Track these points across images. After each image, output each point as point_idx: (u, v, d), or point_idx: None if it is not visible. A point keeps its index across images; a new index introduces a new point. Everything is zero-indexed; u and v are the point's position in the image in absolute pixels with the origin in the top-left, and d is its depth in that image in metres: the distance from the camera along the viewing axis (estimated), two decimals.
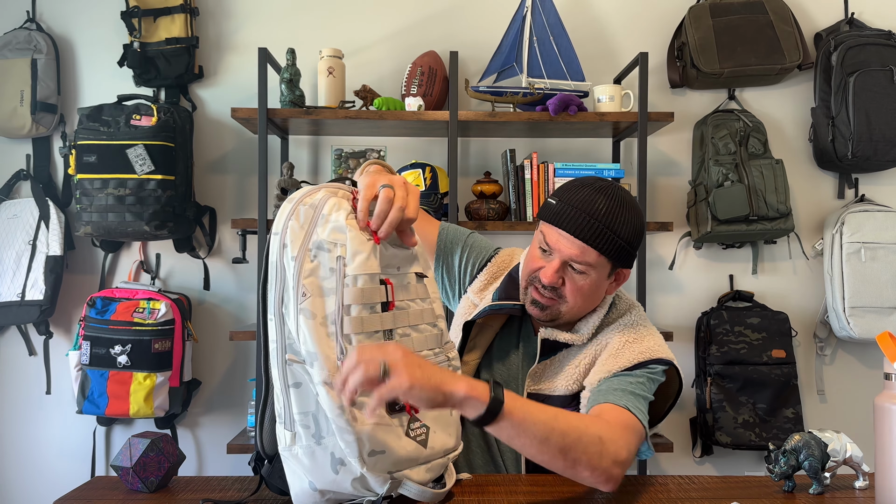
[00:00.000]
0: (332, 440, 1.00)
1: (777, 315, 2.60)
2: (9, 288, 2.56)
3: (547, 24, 2.52)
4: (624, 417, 1.20)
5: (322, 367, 0.97)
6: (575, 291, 1.32)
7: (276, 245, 1.02)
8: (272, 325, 1.02)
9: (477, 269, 1.53)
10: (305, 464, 1.01)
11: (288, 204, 1.04)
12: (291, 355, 1.00)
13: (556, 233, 1.31)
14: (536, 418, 1.06)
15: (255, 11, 2.74)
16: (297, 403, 1.01)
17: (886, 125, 2.49)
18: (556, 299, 1.33)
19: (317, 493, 1.02)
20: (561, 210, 1.30)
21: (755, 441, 2.50)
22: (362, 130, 2.61)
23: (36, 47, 2.62)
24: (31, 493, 2.71)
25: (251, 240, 2.65)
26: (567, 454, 1.08)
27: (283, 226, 1.02)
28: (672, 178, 2.75)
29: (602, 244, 1.28)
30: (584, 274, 1.31)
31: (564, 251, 1.30)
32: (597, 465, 1.10)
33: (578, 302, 1.34)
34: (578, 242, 1.28)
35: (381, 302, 1.03)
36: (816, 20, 2.74)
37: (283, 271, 1.01)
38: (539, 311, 1.35)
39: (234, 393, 2.72)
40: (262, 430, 1.08)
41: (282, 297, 1.01)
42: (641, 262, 2.41)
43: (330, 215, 1.02)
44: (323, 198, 1.04)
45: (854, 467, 1.18)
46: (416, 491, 1.04)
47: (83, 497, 1.15)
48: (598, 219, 1.28)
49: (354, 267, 1.00)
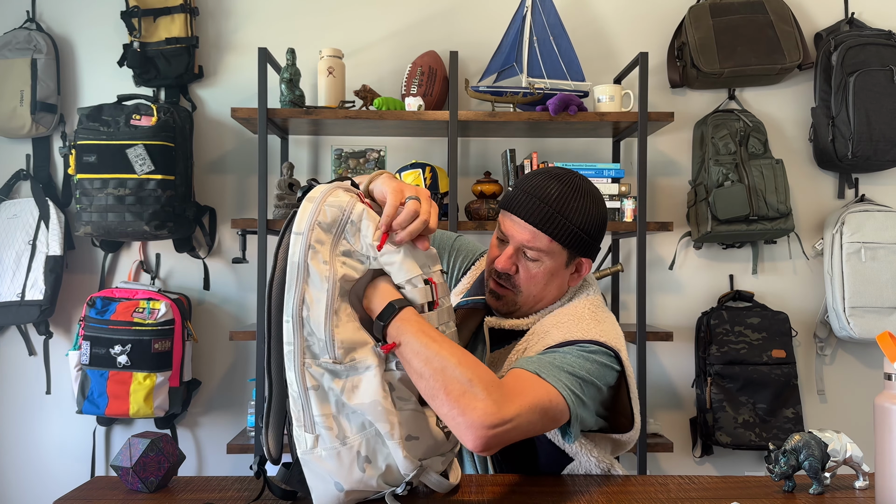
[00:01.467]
0: (357, 439, 1.01)
1: (777, 315, 2.60)
2: (9, 288, 2.56)
3: (547, 24, 2.52)
4: (525, 380, 1.09)
5: (370, 351, 1.01)
6: (528, 279, 1.30)
7: (299, 246, 0.99)
8: (289, 328, 1.00)
9: (462, 272, 1.53)
10: (330, 465, 1.01)
11: (309, 203, 1.01)
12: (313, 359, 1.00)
13: (510, 219, 1.30)
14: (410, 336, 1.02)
15: (255, 11, 2.74)
16: (318, 406, 1.01)
17: (886, 125, 2.49)
18: (511, 289, 1.32)
19: (342, 493, 1.02)
20: (514, 196, 1.30)
21: (755, 441, 2.50)
22: (362, 130, 2.61)
23: (36, 47, 2.62)
24: (31, 493, 2.71)
25: (251, 240, 2.65)
26: (427, 379, 1.00)
27: (307, 226, 1.00)
28: (672, 178, 2.75)
29: (553, 229, 1.26)
30: (537, 261, 1.29)
31: (517, 236, 1.28)
32: (455, 402, 0.99)
33: (532, 290, 1.31)
34: (529, 227, 1.27)
35: (427, 302, 1.06)
36: (816, 20, 2.74)
37: (306, 272, 0.99)
38: (496, 301, 1.35)
39: (234, 393, 2.72)
40: (267, 432, 1.07)
41: (303, 298, 0.99)
42: (641, 262, 2.41)
43: (360, 223, 1.03)
44: (349, 201, 1.03)
45: (854, 467, 1.18)
46: (435, 480, 1.07)
47: (83, 497, 1.15)
48: (549, 203, 1.26)
49: (397, 269, 1.04)
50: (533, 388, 1.08)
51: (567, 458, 1.28)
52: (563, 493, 1.17)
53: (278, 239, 1.02)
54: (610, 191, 2.48)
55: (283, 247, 1.02)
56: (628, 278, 2.71)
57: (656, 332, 2.43)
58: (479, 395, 0.99)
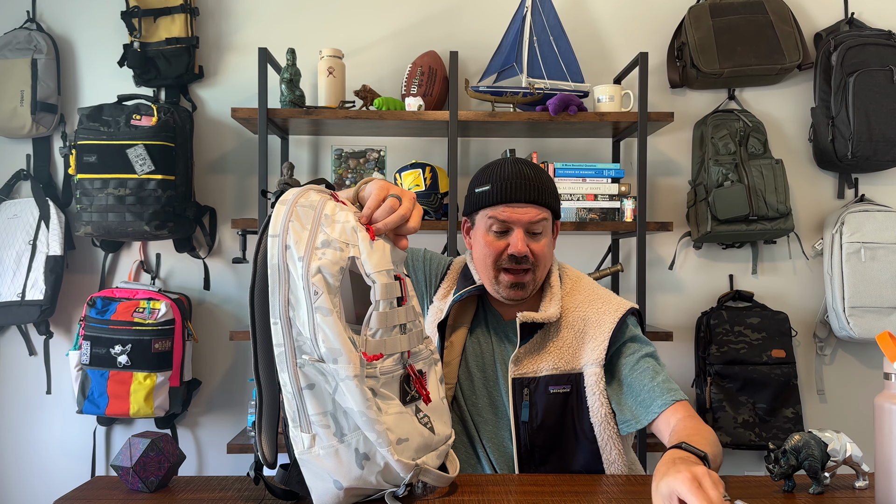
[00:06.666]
0: (354, 437, 1.01)
1: (777, 315, 2.60)
2: (9, 288, 2.56)
3: (547, 25, 2.52)
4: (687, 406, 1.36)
5: (348, 361, 0.98)
6: (540, 253, 1.43)
7: (276, 247, 1.01)
8: (277, 330, 1.00)
9: (439, 280, 1.58)
10: (329, 464, 1.01)
11: (282, 206, 1.03)
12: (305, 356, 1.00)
13: (509, 209, 1.41)
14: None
15: (255, 11, 2.74)
16: (313, 405, 1.01)
17: (886, 125, 2.49)
18: (530, 271, 1.42)
19: (342, 491, 1.02)
20: (499, 189, 1.41)
21: (755, 441, 2.50)
22: (362, 130, 2.61)
23: (36, 47, 2.62)
24: (31, 493, 2.71)
25: (251, 240, 2.65)
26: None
27: (282, 227, 1.01)
28: (672, 178, 2.75)
29: (545, 199, 1.42)
30: (541, 234, 1.43)
31: (523, 219, 1.41)
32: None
33: (544, 263, 1.44)
34: (530, 207, 1.41)
35: (397, 297, 1.06)
36: (816, 20, 2.74)
37: (286, 273, 1.00)
38: (520, 292, 1.43)
39: (234, 393, 2.72)
40: (261, 437, 1.07)
41: (287, 299, 1.00)
42: (641, 262, 2.41)
43: (334, 215, 1.04)
44: (320, 200, 1.05)
45: (854, 467, 1.18)
46: (434, 476, 1.07)
47: (83, 497, 1.15)
48: (532, 180, 1.42)
49: (374, 264, 1.02)
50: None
51: (599, 466, 1.39)
52: (563, 492, 1.17)
53: (256, 245, 1.03)
54: (610, 191, 2.48)
55: (261, 251, 1.03)
56: (628, 278, 2.71)
57: (656, 332, 2.43)
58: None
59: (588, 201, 2.48)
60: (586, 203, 2.48)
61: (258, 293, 1.03)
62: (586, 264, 2.72)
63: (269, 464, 1.08)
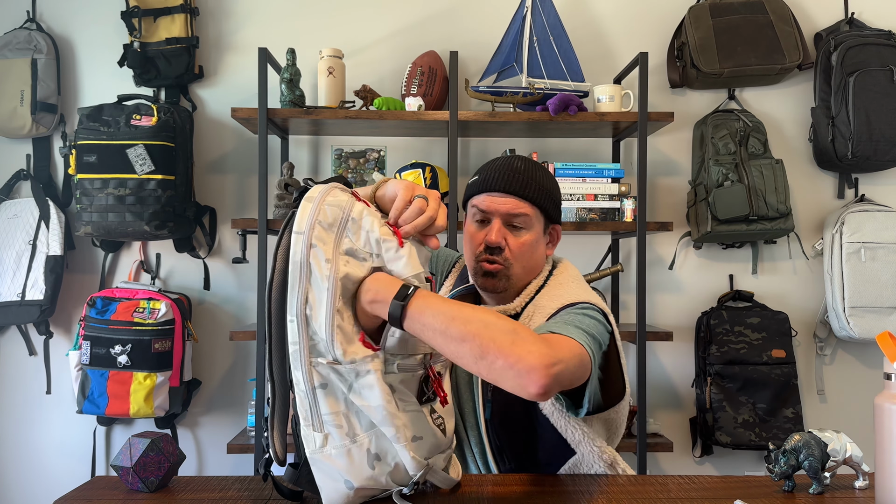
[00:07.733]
0: (367, 437, 1.02)
1: (777, 315, 2.60)
2: (9, 288, 2.56)
3: (547, 25, 2.52)
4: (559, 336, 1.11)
5: (368, 357, 1.00)
6: (518, 248, 1.38)
7: (300, 245, 1.00)
8: (293, 328, 1.00)
9: (445, 275, 1.58)
10: (341, 464, 1.01)
11: (308, 203, 1.02)
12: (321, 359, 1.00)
13: (489, 198, 1.39)
14: (437, 309, 1.00)
15: (255, 11, 2.74)
16: (326, 404, 1.01)
17: (886, 125, 2.49)
18: (502, 263, 1.38)
19: (352, 491, 1.02)
20: (486, 178, 1.40)
21: (755, 441, 2.50)
22: (362, 130, 2.61)
23: (36, 47, 2.62)
24: (31, 493, 2.71)
25: (251, 240, 2.65)
26: (470, 340, 0.97)
27: (308, 225, 1.00)
28: (672, 178, 2.75)
29: (531, 193, 1.38)
30: (524, 229, 1.38)
31: (502, 209, 1.38)
32: (510, 352, 0.96)
33: (522, 261, 1.39)
34: (510, 197, 1.38)
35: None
36: (816, 20, 2.74)
37: (308, 271, 0.99)
38: (490, 280, 1.38)
39: (234, 393, 2.72)
40: (273, 435, 1.07)
41: (306, 297, 0.99)
42: (641, 262, 2.41)
43: (361, 221, 1.04)
44: (348, 200, 1.05)
45: (854, 467, 1.18)
46: (441, 478, 1.08)
47: (83, 497, 1.15)
48: (521, 172, 1.39)
49: (406, 272, 1.03)
50: (561, 340, 1.09)
51: (569, 451, 1.30)
52: (563, 492, 1.17)
53: (277, 240, 1.03)
54: (610, 191, 2.48)
55: (282, 247, 1.02)
56: (628, 278, 2.71)
57: (656, 332, 2.43)
58: (529, 340, 0.99)
59: (588, 201, 2.48)
60: (586, 203, 2.48)
61: (276, 289, 1.02)
62: (586, 264, 2.72)
63: (280, 461, 1.08)
